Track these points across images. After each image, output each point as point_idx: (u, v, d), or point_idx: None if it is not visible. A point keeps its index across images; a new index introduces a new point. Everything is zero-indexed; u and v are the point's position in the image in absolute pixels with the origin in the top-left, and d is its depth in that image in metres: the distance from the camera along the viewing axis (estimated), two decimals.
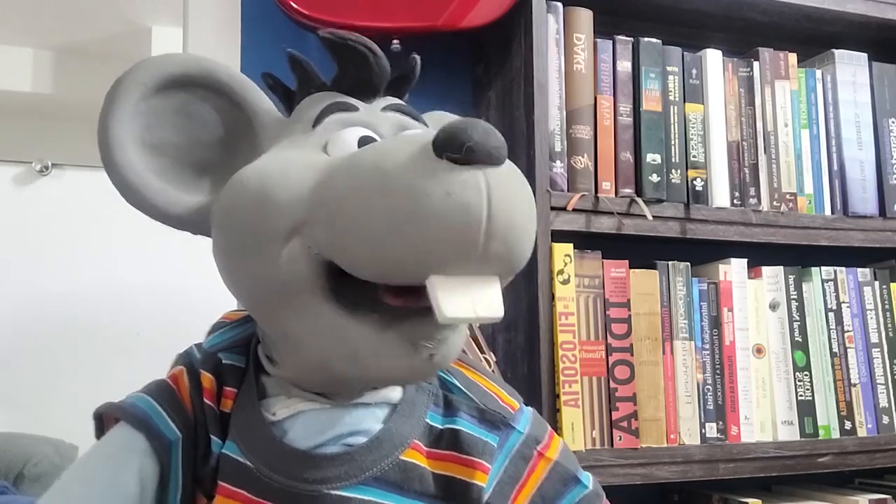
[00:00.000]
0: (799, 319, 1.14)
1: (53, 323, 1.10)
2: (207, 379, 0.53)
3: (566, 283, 1.01)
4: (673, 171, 1.10)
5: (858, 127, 1.22)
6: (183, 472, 0.51)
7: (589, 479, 0.59)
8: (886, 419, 1.15)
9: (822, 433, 1.12)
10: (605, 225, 1.04)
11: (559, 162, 1.04)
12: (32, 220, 1.11)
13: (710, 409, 1.07)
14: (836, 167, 1.20)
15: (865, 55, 1.24)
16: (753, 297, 1.13)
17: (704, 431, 1.06)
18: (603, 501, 0.59)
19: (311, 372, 0.52)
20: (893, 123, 1.24)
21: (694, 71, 1.14)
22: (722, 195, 1.12)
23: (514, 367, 1.05)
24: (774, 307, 1.14)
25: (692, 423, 1.06)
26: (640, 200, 1.06)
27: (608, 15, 1.15)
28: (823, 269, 1.17)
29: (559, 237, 1.02)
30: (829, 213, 1.18)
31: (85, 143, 1.19)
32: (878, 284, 1.20)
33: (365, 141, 0.52)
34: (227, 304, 0.58)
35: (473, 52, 1.22)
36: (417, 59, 0.59)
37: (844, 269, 1.18)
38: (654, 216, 1.06)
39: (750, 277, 1.13)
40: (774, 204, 1.15)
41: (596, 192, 1.06)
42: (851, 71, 1.23)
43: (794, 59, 1.20)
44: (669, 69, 1.13)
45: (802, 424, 1.11)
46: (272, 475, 0.49)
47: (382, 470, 0.50)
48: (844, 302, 1.17)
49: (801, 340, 1.14)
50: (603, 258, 1.05)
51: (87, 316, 1.10)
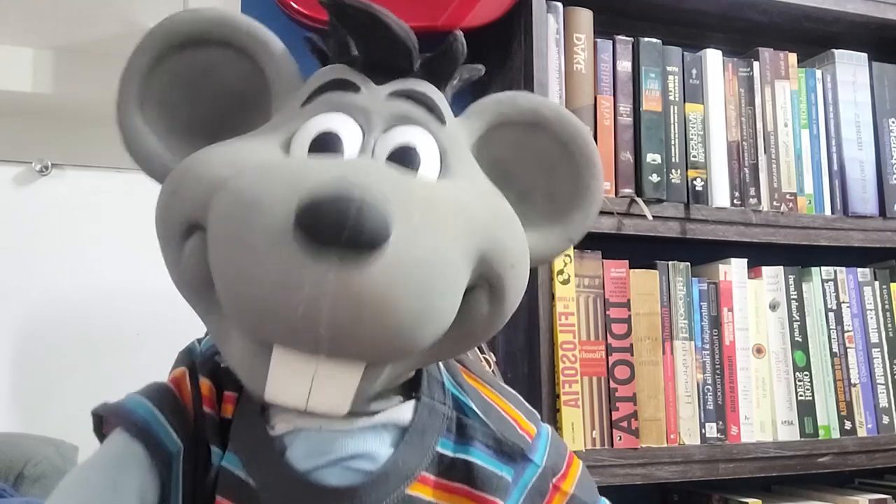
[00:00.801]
0: (799, 319, 1.14)
1: (53, 323, 1.10)
2: (206, 385, 0.51)
3: (566, 283, 1.01)
4: (673, 171, 1.10)
5: (858, 127, 1.22)
6: (183, 484, 0.48)
7: None
8: (886, 419, 1.15)
9: (822, 433, 1.12)
10: (605, 225, 1.04)
11: None
12: (32, 220, 1.11)
13: (710, 409, 1.07)
14: (836, 167, 1.20)
15: (865, 55, 1.24)
16: (753, 297, 1.13)
17: (704, 431, 1.06)
18: None
19: None
20: (893, 123, 1.24)
21: (694, 71, 1.14)
22: (722, 195, 1.12)
23: (514, 367, 1.05)
24: (774, 307, 1.14)
25: (692, 423, 1.06)
26: (640, 200, 1.06)
27: (608, 15, 1.15)
28: (823, 269, 1.17)
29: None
30: (829, 213, 1.18)
31: (85, 143, 1.19)
32: (878, 284, 1.20)
33: (322, 140, 0.47)
34: None
35: (473, 52, 1.22)
36: (459, 35, 0.51)
37: (844, 269, 1.18)
38: (654, 216, 1.06)
39: (750, 277, 1.13)
40: (774, 204, 1.15)
41: None
42: (851, 71, 1.23)
43: (794, 59, 1.20)
44: (669, 69, 1.13)
45: (802, 424, 1.11)
46: (273, 499, 0.47)
47: None
48: (844, 302, 1.17)
49: (801, 340, 1.14)
50: (603, 258, 1.05)
51: (86, 316, 1.10)
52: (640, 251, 1.09)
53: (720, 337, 1.10)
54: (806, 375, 1.13)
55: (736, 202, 1.14)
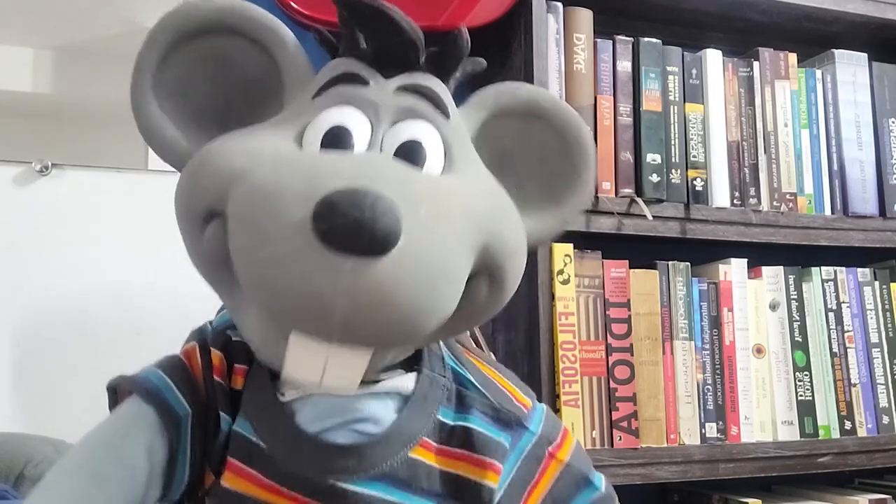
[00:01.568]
0: (799, 319, 1.14)
1: (53, 323, 1.10)
2: (217, 356, 0.53)
3: (566, 283, 1.01)
4: (673, 171, 1.11)
5: (858, 127, 1.22)
6: (192, 447, 0.51)
7: (601, 480, 0.59)
8: (886, 419, 1.15)
9: (822, 433, 1.12)
10: (605, 225, 1.04)
11: None
12: (32, 220, 1.11)
13: (710, 409, 1.07)
14: (836, 167, 1.20)
15: (865, 55, 1.24)
16: (753, 297, 1.13)
17: (704, 431, 1.06)
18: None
19: None
20: (893, 123, 1.24)
21: (694, 71, 1.14)
22: (722, 195, 1.12)
23: (514, 367, 1.04)
24: (774, 307, 1.14)
25: (692, 423, 1.06)
26: (640, 200, 1.06)
27: (608, 15, 1.15)
28: (823, 269, 1.17)
29: (559, 237, 1.01)
30: (829, 213, 1.18)
31: (85, 143, 1.19)
32: (878, 284, 1.20)
33: (334, 134, 0.50)
34: None
35: (473, 52, 1.22)
36: (463, 30, 0.55)
37: (844, 269, 1.18)
38: (654, 216, 1.06)
39: (750, 277, 1.13)
40: (774, 204, 1.15)
41: (596, 191, 1.05)
42: (851, 71, 1.23)
43: (794, 59, 1.20)
44: (669, 69, 1.13)
45: (802, 424, 1.11)
46: (283, 458, 0.49)
47: (391, 466, 0.50)
48: (844, 302, 1.17)
49: (801, 340, 1.14)
50: (603, 258, 1.05)
51: (87, 316, 1.11)
52: (640, 251, 1.09)
53: (720, 337, 1.10)
54: (806, 375, 1.13)
55: (736, 202, 1.14)
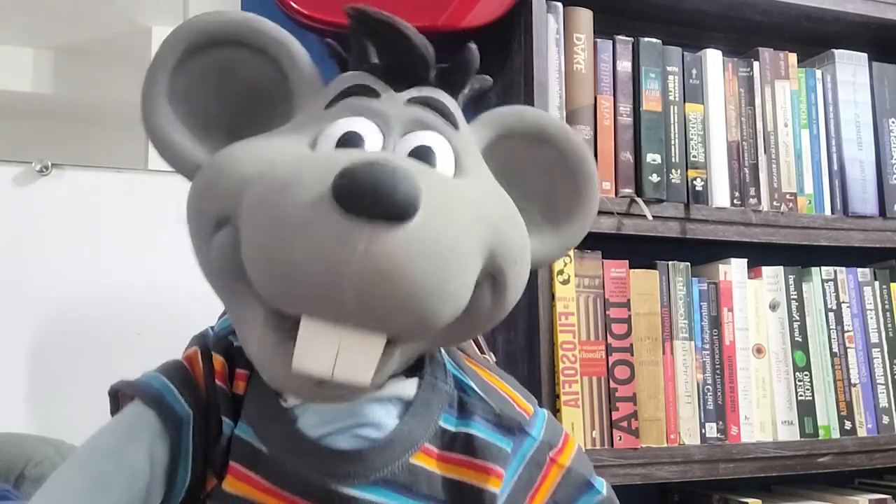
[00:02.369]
0: (799, 319, 1.14)
1: (53, 323, 1.10)
2: (218, 361, 0.53)
3: (566, 283, 1.01)
4: (673, 171, 1.11)
5: (858, 127, 1.22)
6: (193, 450, 0.51)
7: (603, 484, 0.58)
8: (886, 419, 1.15)
9: (822, 433, 1.12)
10: (604, 225, 1.04)
11: None
12: (32, 220, 1.11)
13: (710, 409, 1.07)
14: (836, 167, 1.20)
15: (865, 55, 1.24)
16: (753, 297, 1.13)
17: (704, 431, 1.06)
18: None
19: None
20: (893, 123, 1.24)
21: (694, 71, 1.15)
22: (722, 195, 1.12)
23: (514, 367, 1.05)
24: (774, 307, 1.14)
25: (692, 423, 1.06)
26: (640, 200, 1.06)
27: (608, 15, 1.15)
28: (823, 269, 1.17)
29: None
30: (829, 213, 1.18)
31: (85, 143, 1.19)
32: (878, 284, 1.20)
33: (348, 138, 0.50)
34: None
35: None
36: (473, 47, 0.55)
37: (844, 269, 1.18)
38: (654, 216, 1.06)
39: (750, 277, 1.13)
40: (774, 204, 1.15)
41: None
42: (851, 71, 1.23)
43: (794, 59, 1.20)
44: (669, 69, 1.13)
45: (802, 424, 1.11)
46: (285, 463, 0.49)
47: (392, 472, 0.50)
48: (844, 302, 1.17)
49: (801, 340, 1.14)
50: (603, 258, 1.05)
51: (87, 316, 1.10)
52: (640, 251, 1.09)
53: (720, 337, 1.10)
54: (806, 375, 1.13)
55: (736, 202, 1.14)
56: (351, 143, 0.50)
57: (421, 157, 0.51)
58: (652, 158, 1.09)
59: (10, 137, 1.15)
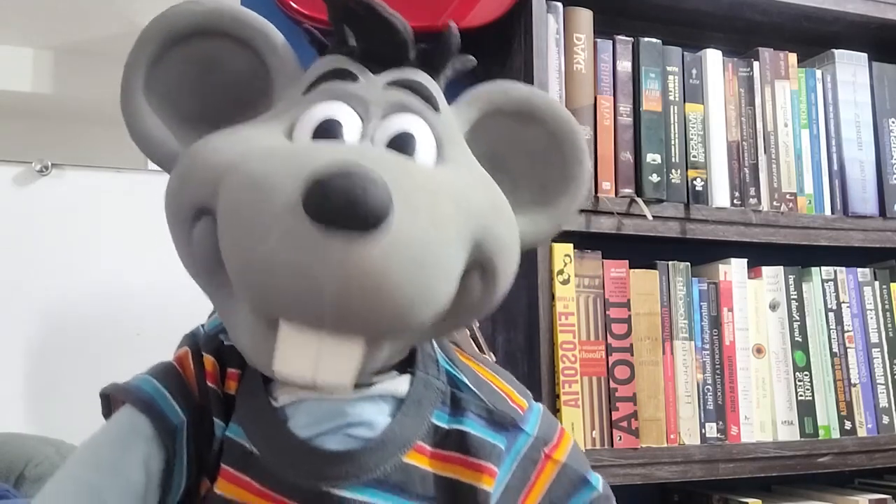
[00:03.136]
0: (799, 319, 1.14)
1: (53, 323, 1.10)
2: (209, 362, 0.52)
3: (566, 283, 1.01)
4: (673, 171, 1.11)
5: (858, 127, 1.22)
6: (188, 456, 0.50)
7: (598, 480, 0.58)
8: (886, 419, 1.15)
9: (822, 433, 1.12)
10: (605, 225, 1.04)
11: None
12: (32, 220, 1.11)
13: (710, 409, 1.07)
14: (836, 167, 1.20)
15: (865, 55, 1.24)
16: (753, 297, 1.13)
17: (704, 431, 1.06)
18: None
19: None
20: (893, 123, 1.24)
21: (694, 71, 1.14)
22: (722, 195, 1.12)
23: (514, 367, 1.05)
24: (774, 307, 1.14)
25: (692, 423, 1.06)
26: (640, 200, 1.06)
27: (608, 15, 1.15)
28: (823, 269, 1.17)
29: (559, 237, 1.01)
30: (829, 213, 1.18)
31: (85, 143, 1.19)
32: (878, 284, 1.20)
33: (326, 127, 0.49)
34: None
35: (473, 52, 1.22)
36: (453, 26, 0.55)
37: (844, 269, 1.18)
38: (654, 216, 1.06)
39: (750, 277, 1.13)
40: (774, 204, 1.15)
41: (596, 191, 1.06)
42: (851, 71, 1.23)
43: (794, 59, 1.20)
44: (669, 69, 1.13)
45: (802, 424, 1.11)
46: (276, 465, 0.49)
47: (384, 472, 0.49)
48: (844, 302, 1.17)
49: (801, 340, 1.14)
50: (603, 258, 1.05)
51: (87, 316, 1.10)
52: (640, 251, 1.09)
53: (720, 337, 1.10)
54: (806, 375, 1.13)
55: (736, 202, 1.14)
56: (329, 132, 0.49)
57: (401, 145, 0.49)
58: (652, 158, 1.09)
59: (10, 137, 1.15)
